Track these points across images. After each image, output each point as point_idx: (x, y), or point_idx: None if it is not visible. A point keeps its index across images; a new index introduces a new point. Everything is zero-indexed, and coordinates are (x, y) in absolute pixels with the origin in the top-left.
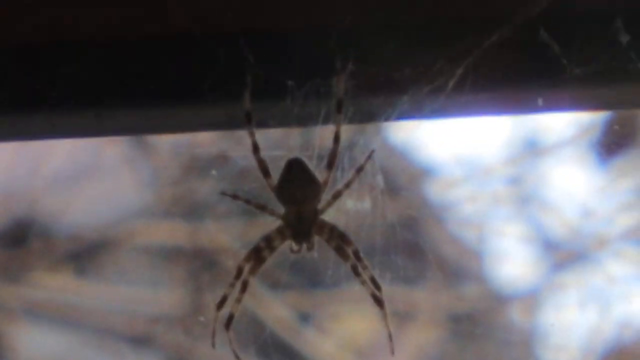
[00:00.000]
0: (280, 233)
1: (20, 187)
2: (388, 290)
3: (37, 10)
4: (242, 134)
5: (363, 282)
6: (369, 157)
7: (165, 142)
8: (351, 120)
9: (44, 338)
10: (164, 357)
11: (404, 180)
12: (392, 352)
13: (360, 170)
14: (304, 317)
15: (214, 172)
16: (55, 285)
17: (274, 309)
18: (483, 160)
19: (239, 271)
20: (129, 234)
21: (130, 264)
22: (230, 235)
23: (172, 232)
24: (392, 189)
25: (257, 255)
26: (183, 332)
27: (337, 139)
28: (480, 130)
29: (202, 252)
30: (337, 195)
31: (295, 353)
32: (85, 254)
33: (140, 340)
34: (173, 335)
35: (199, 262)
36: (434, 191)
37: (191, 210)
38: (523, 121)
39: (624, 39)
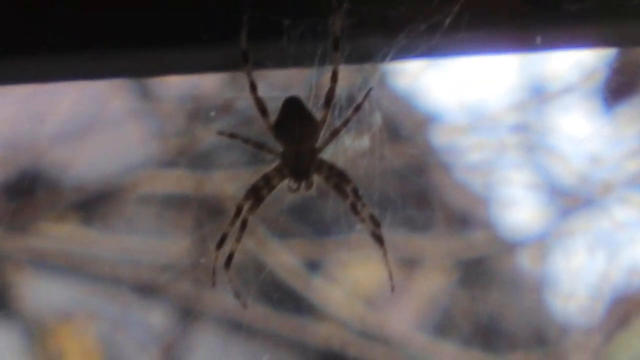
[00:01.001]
0: (279, 171)
1: (25, 139)
2: (392, 237)
3: None
4: (246, 83)
5: (362, 220)
6: (367, 95)
7: (170, 92)
8: (348, 60)
9: (51, 287)
10: (171, 305)
11: (408, 127)
12: (393, 290)
13: (358, 108)
14: (312, 265)
15: (212, 113)
16: (61, 235)
17: (283, 256)
18: (489, 107)
19: (238, 210)
20: (135, 184)
21: (136, 214)
22: (235, 185)
23: (178, 182)
24: (396, 135)
25: (255, 193)
26: (189, 281)
27: (334, 77)
28: (485, 76)
29: (208, 201)
30: (335, 133)
31: (304, 301)
32: (91, 204)
33: (146, 289)
34: (179, 284)
35: (205, 211)
36: (439, 138)
37: (197, 160)
38: (528, 66)
39: None
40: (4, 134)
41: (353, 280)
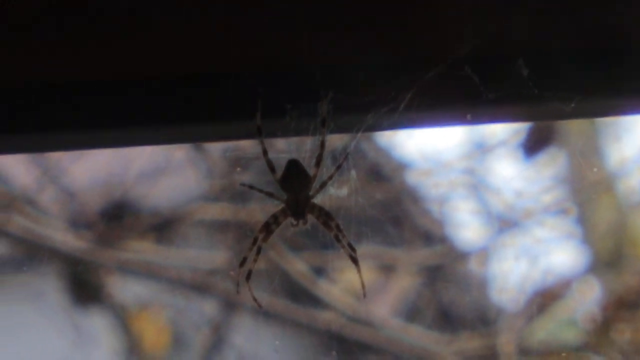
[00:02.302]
0: (283, 212)
1: (116, 180)
2: (378, 249)
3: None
4: (270, 142)
5: (342, 247)
6: (345, 158)
7: (216, 148)
8: (332, 132)
9: (133, 286)
10: (217, 299)
11: (388, 170)
12: (364, 296)
13: (339, 167)
14: (318, 271)
15: (238, 169)
16: (140, 249)
17: (296, 265)
18: (444, 157)
19: (255, 240)
20: (192, 212)
21: (192, 234)
22: (263, 213)
23: (222, 211)
24: (379, 176)
25: (267, 228)
26: (230, 282)
27: (322, 145)
28: (441, 136)
29: (243, 225)
30: (323, 185)
31: (312, 296)
32: (162, 227)
33: (200, 288)
34: (223, 284)
35: (241, 232)
36: (410, 178)
37: (235, 196)
38: (472, 129)
39: (525, 72)
40: (102, 176)
41: (347, 281)
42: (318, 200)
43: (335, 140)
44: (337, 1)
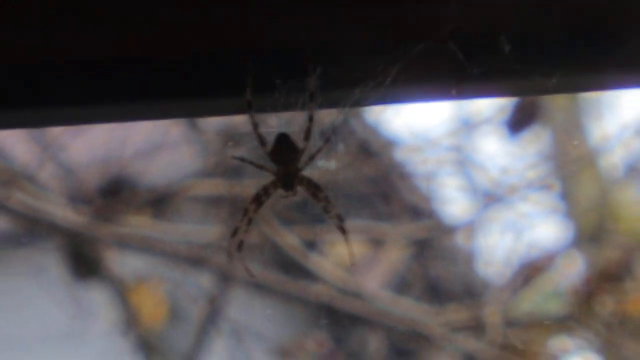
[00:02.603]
0: (274, 184)
1: (114, 156)
2: (367, 224)
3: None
4: (261, 117)
5: (331, 217)
6: (332, 131)
7: (210, 125)
8: (320, 107)
9: (131, 260)
10: (212, 273)
11: (376, 147)
12: (352, 265)
13: (327, 140)
14: (309, 244)
15: (230, 143)
16: (137, 224)
17: (288, 237)
18: (432, 134)
19: (245, 211)
20: (187, 188)
21: (187, 209)
22: (254, 188)
23: (215, 187)
24: (368, 153)
25: (258, 199)
26: (224, 255)
27: (310, 119)
28: (428, 114)
29: (236, 200)
30: (311, 158)
31: (304, 269)
32: (158, 202)
33: (195, 261)
34: (218, 258)
35: (234, 206)
36: (398, 155)
37: (228, 171)
38: (457, 107)
39: (507, 48)
40: (99, 153)
41: (337, 254)
42: (307, 172)
43: (324, 116)
44: None
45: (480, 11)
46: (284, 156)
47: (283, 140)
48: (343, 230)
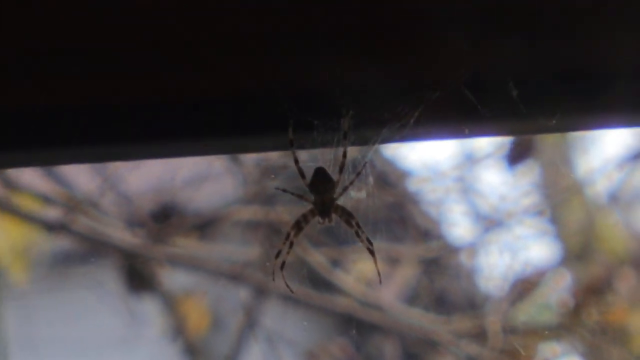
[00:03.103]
0: (312, 212)
1: (165, 186)
2: (384, 245)
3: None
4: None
5: (362, 241)
6: (364, 166)
7: (250, 160)
8: (353, 144)
9: (180, 276)
10: (250, 288)
11: (393, 178)
12: (380, 282)
13: (358, 174)
14: (335, 263)
15: (272, 175)
16: (185, 245)
17: (317, 257)
18: (440, 167)
19: (287, 235)
20: (229, 214)
21: (229, 232)
22: (288, 215)
23: (254, 213)
24: (386, 183)
25: (297, 226)
26: (261, 272)
27: (344, 155)
28: (438, 149)
29: (272, 225)
30: (345, 189)
31: (329, 283)
32: (204, 226)
33: (236, 278)
34: (255, 275)
35: (270, 230)
36: (412, 185)
37: (265, 200)
38: (462, 143)
39: (514, 93)
40: (152, 183)
41: (359, 271)
42: (341, 201)
43: (354, 152)
44: (358, 38)
45: (490, 62)
46: (321, 187)
47: (320, 173)
48: (372, 253)
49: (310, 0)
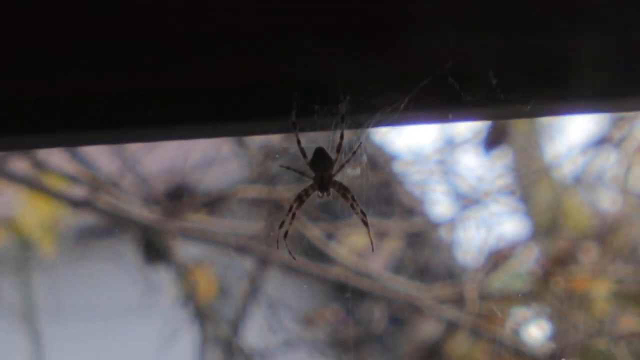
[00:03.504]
0: (312, 187)
1: (178, 167)
2: (373, 220)
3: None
4: (293, 137)
5: (357, 213)
6: (359, 146)
7: (254, 143)
8: (349, 127)
9: (191, 248)
10: (254, 258)
11: (381, 161)
12: (372, 250)
13: (354, 153)
14: (329, 236)
15: (277, 156)
16: (196, 220)
17: (314, 231)
18: (424, 150)
19: (290, 207)
20: (236, 193)
21: (236, 208)
22: (289, 193)
23: (258, 191)
24: (375, 166)
25: (299, 199)
26: (265, 244)
27: (341, 136)
28: (421, 135)
29: (274, 202)
30: (342, 167)
31: (324, 253)
32: (212, 203)
33: (241, 249)
34: (259, 247)
35: (272, 207)
36: (398, 167)
37: (268, 180)
38: (444, 129)
39: (494, 81)
40: (167, 165)
41: (352, 243)
42: (338, 177)
43: (350, 134)
44: (355, 34)
45: (472, 53)
46: (321, 165)
47: (320, 152)
48: (366, 224)
49: (311, 2)
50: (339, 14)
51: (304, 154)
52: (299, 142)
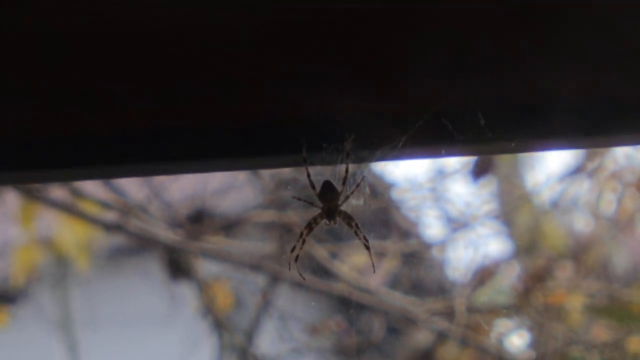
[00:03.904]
0: (320, 216)
1: (199, 194)
2: (373, 242)
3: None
4: (302, 169)
5: (360, 239)
6: (362, 179)
7: (266, 174)
8: (353, 162)
9: (210, 266)
10: (266, 275)
11: (381, 189)
12: (374, 271)
13: (358, 185)
14: (333, 255)
15: (288, 187)
16: (215, 241)
17: (320, 251)
18: (417, 179)
19: (301, 234)
20: (250, 217)
21: (250, 231)
22: (297, 218)
23: (270, 216)
24: (375, 193)
25: (309, 226)
26: (276, 263)
27: (346, 170)
28: (416, 166)
29: (285, 226)
30: (347, 198)
31: (329, 271)
32: (229, 226)
33: (255, 267)
34: (271, 265)
35: (283, 230)
36: (396, 195)
37: (279, 206)
38: (436, 162)
39: (482, 122)
40: (189, 192)
41: (354, 262)
42: (344, 207)
43: (353, 168)
44: (359, 81)
45: (463, 96)
46: (328, 196)
47: (327, 184)
48: (368, 248)
49: (321, 51)
50: (346, 64)
51: (313, 186)
52: (309, 175)
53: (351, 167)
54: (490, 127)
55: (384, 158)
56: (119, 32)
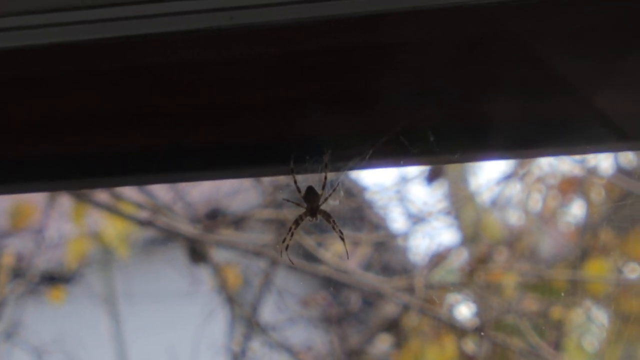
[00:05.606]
0: (305, 214)
1: (214, 196)
2: (350, 233)
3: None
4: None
5: (336, 232)
6: (338, 184)
7: (266, 180)
8: (330, 171)
9: (222, 253)
10: (267, 260)
11: (355, 191)
12: (348, 257)
13: (334, 189)
14: (319, 244)
15: (281, 190)
16: (226, 233)
17: (308, 240)
18: (384, 184)
19: (290, 228)
20: (253, 214)
21: (254, 225)
22: (291, 214)
23: (269, 213)
24: (351, 195)
25: (296, 222)
26: (274, 251)
27: (325, 178)
28: (384, 174)
29: (281, 221)
30: (325, 199)
31: (315, 256)
32: (238, 222)
33: (258, 253)
34: (270, 252)
35: (279, 224)
36: (368, 196)
37: (276, 205)
38: (399, 170)
39: (432, 138)
40: (206, 194)
41: (335, 250)
42: (323, 207)
43: (331, 176)
44: (336, 105)
45: (418, 119)
46: (311, 198)
47: (310, 190)
48: (343, 239)
49: (307, 84)
50: (326, 94)
51: (299, 190)
52: (295, 182)
53: (329, 175)
54: (437, 143)
55: (355, 168)
56: (153, 65)
